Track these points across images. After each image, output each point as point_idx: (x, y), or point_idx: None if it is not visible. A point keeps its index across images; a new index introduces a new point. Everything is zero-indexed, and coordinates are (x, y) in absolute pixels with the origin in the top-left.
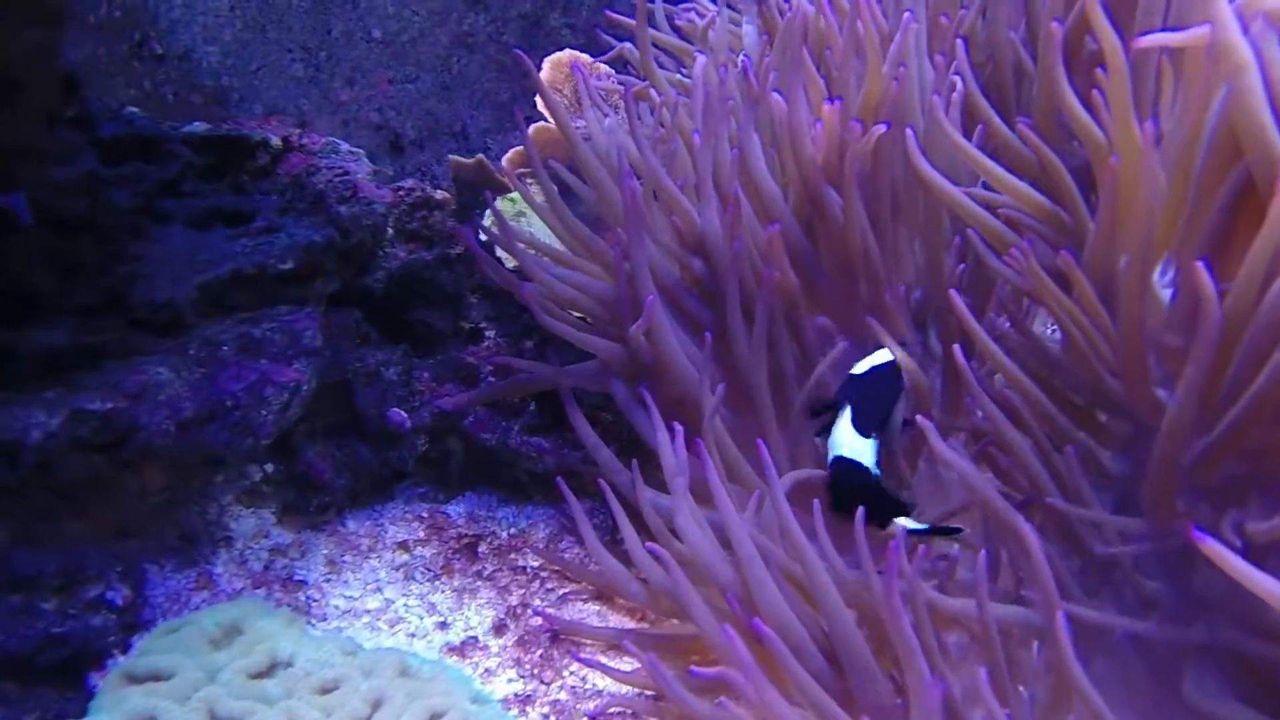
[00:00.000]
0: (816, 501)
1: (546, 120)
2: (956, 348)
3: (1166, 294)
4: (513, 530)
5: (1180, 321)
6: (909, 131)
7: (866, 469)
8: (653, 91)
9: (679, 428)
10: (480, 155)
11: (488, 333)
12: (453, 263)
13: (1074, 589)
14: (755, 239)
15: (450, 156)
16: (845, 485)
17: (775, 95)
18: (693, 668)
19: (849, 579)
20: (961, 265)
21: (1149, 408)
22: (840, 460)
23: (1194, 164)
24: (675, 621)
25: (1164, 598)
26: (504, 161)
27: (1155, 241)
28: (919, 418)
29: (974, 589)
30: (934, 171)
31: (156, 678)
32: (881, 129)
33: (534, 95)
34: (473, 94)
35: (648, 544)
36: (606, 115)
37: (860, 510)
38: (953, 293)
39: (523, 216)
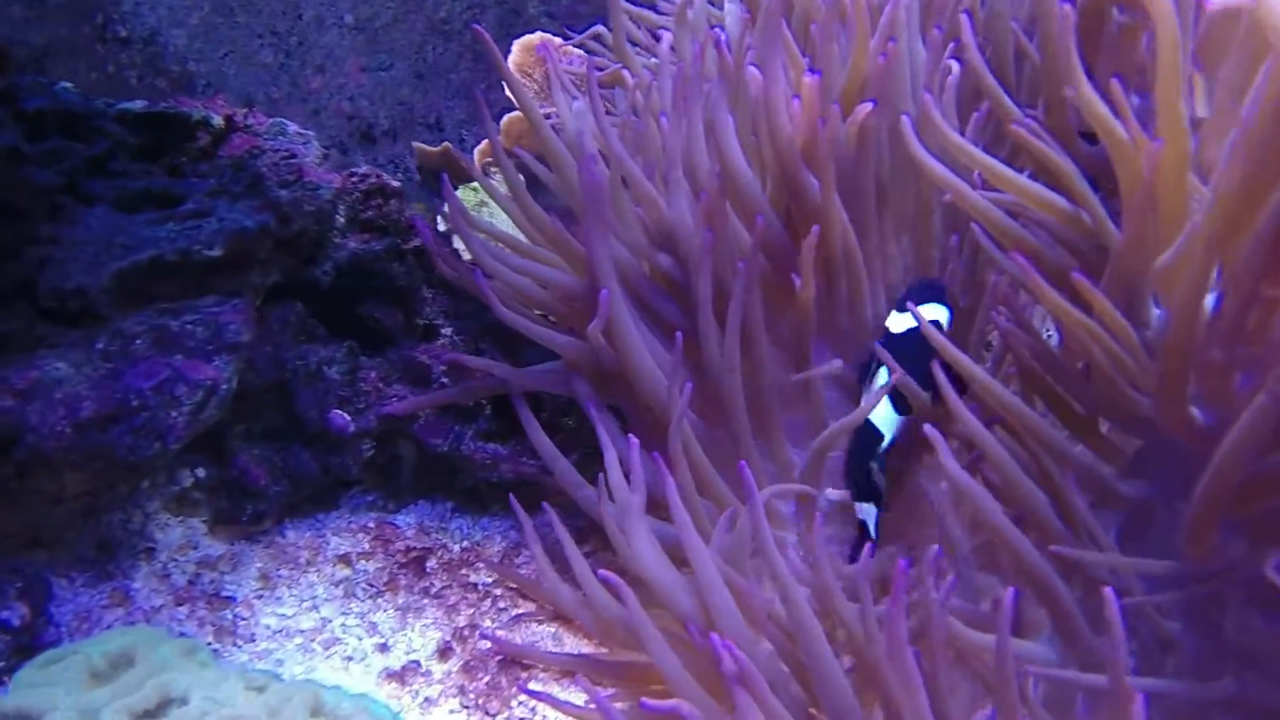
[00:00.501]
0: (820, 515)
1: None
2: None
3: (1208, 301)
4: (466, 543)
5: (1226, 335)
6: (904, 114)
7: (877, 446)
8: (626, 74)
9: (635, 441)
10: (446, 143)
11: (444, 330)
12: (406, 255)
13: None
14: (729, 229)
15: (415, 144)
16: (855, 450)
17: (751, 69)
18: (644, 700)
19: (844, 612)
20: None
21: (1184, 427)
22: (870, 426)
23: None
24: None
25: (1186, 642)
26: (475, 153)
27: (1212, 247)
28: (926, 428)
29: (998, 630)
30: (930, 157)
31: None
32: (867, 107)
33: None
34: (448, 83)
35: (600, 572)
36: (576, 99)
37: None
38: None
39: (485, 207)
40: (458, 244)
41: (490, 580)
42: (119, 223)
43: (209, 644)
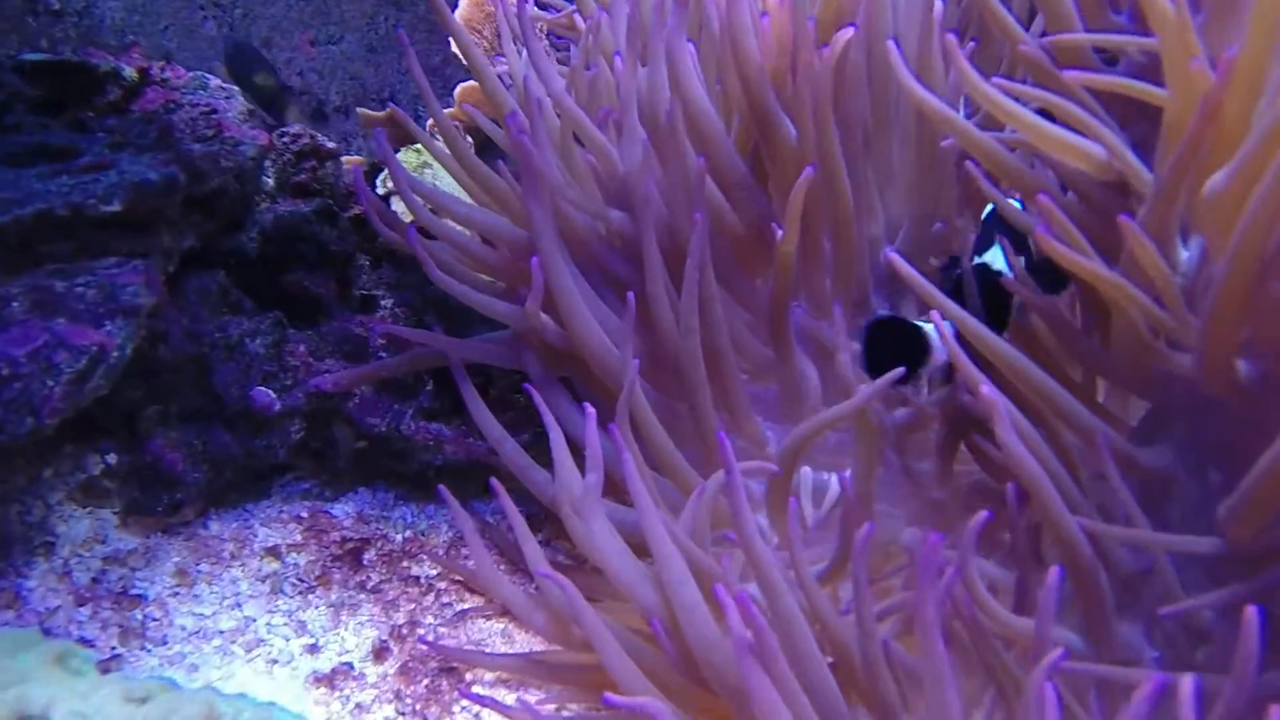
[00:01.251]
0: (793, 501)
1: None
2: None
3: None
4: (409, 533)
5: None
6: (890, 43)
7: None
8: (578, 17)
9: (591, 413)
10: (392, 106)
11: (384, 301)
12: (341, 220)
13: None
14: (686, 175)
15: (359, 109)
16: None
17: None
18: (607, 695)
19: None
20: (940, 224)
21: (1228, 382)
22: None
23: None
24: None
25: (1219, 632)
26: (427, 124)
27: None
28: (986, 390)
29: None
30: (926, 91)
31: None
32: (849, 33)
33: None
34: (402, 57)
35: (539, 569)
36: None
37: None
38: (893, 255)
39: (428, 169)
40: (400, 208)
41: (435, 573)
42: (5, 178)
43: (112, 648)
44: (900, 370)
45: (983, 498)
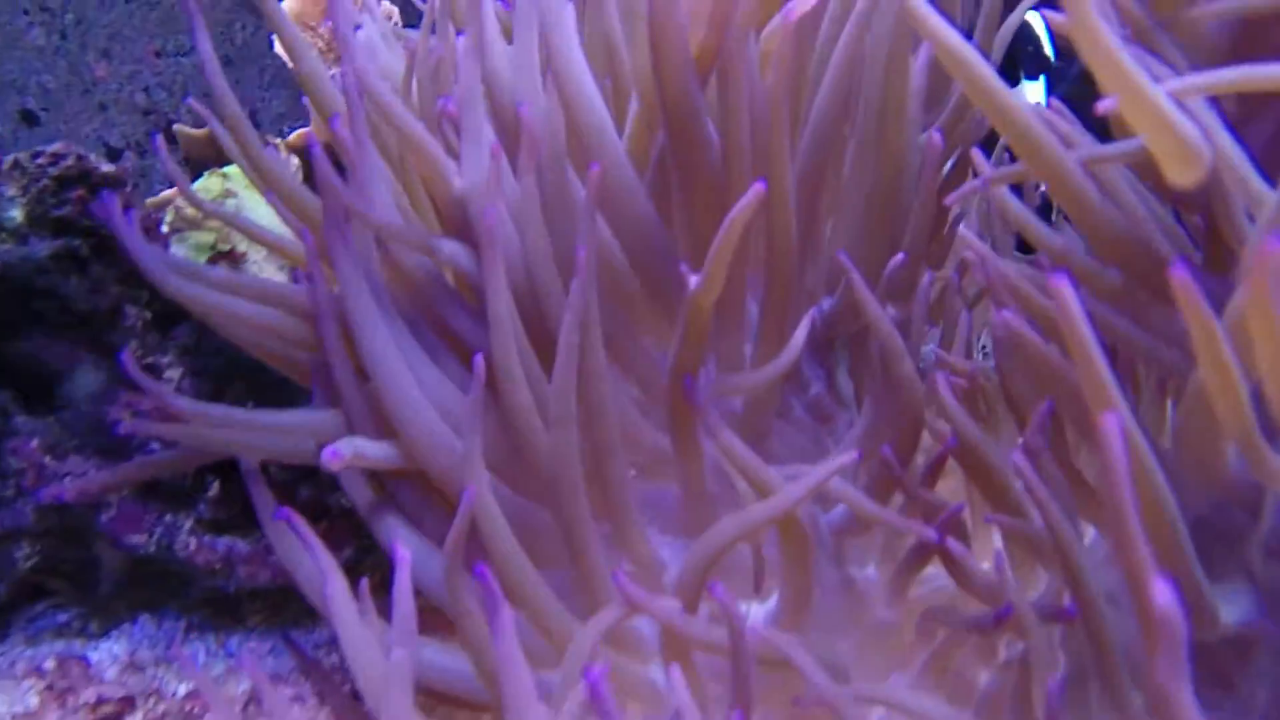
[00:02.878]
0: None
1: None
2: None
3: None
4: (193, 684)
5: None
6: None
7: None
8: None
9: (402, 559)
10: (212, 123)
11: (169, 372)
12: (93, 266)
13: None
14: (568, 194)
15: (176, 127)
16: None
17: None
18: None
19: None
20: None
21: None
22: None
23: None
24: None
25: None
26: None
27: None
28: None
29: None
30: (942, 20)
31: None
32: (806, 3)
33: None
34: (262, 70)
35: None
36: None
37: None
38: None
39: (233, 197)
40: (181, 250)
41: None
42: None
43: None
44: None
45: (946, 622)
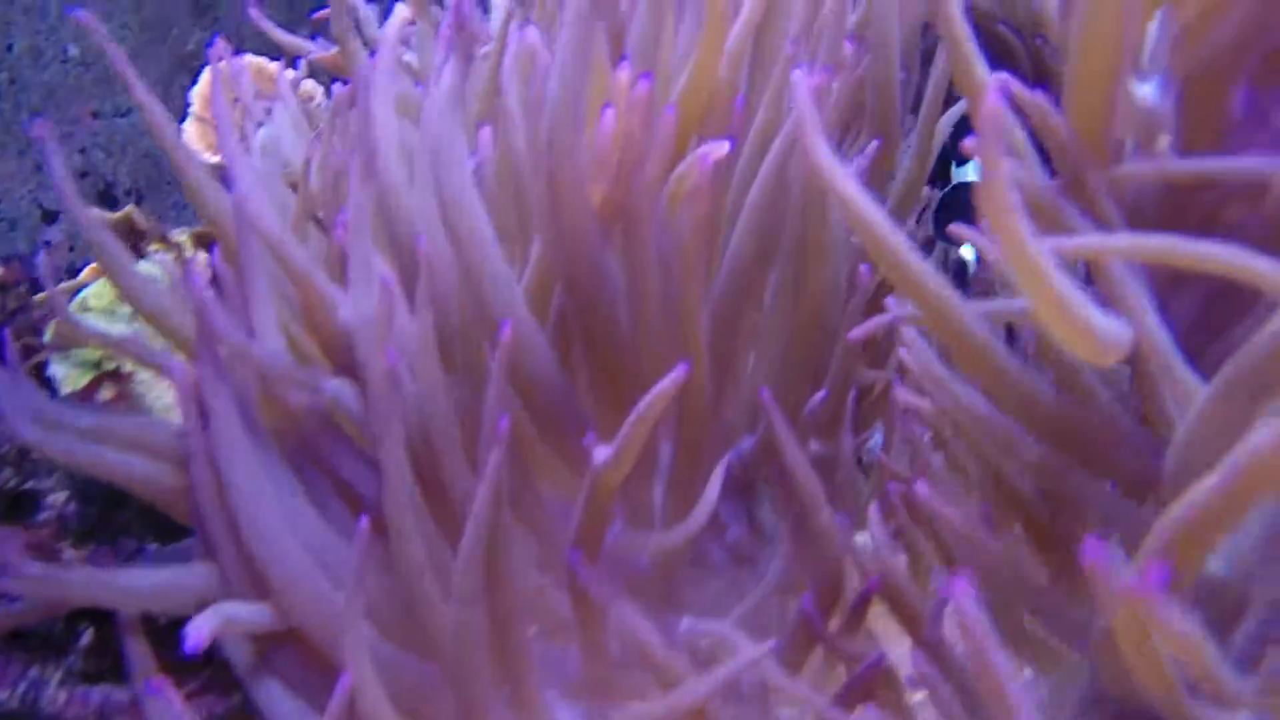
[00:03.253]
0: None
1: None
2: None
3: None
4: None
5: None
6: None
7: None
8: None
9: None
10: (132, 206)
11: (50, 498)
12: None
13: None
14: (472, 346)
15: (89, 211)
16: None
17: (526, 37)
18: None
19: None
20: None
21: None
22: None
23: None
24: None
25: None
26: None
27: None
28: None
29: None
30: (857, 191)
31: None
32: (722, 148)
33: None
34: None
35: None
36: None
37: None
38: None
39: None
40: (61, 371)
41: None
42: None
43: None
44: None
45: None
